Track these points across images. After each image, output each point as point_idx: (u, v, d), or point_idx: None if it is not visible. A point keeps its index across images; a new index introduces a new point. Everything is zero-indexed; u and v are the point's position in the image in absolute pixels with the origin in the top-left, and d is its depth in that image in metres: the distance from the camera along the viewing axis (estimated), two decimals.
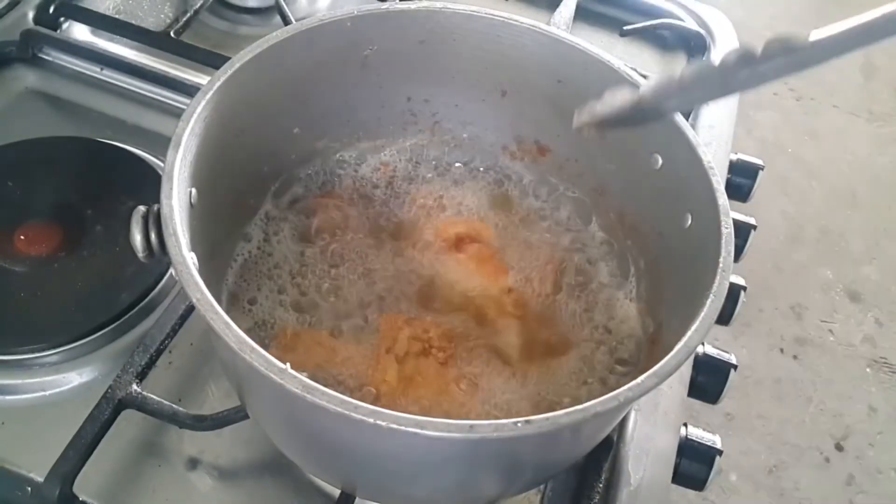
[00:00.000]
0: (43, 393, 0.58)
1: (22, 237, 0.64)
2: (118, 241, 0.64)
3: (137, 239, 0.43)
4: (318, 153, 0.62)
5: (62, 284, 0.62)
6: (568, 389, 0.54)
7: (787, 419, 1.67)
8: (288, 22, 0.81)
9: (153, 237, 0.43)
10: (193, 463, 0.56)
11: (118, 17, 0.86)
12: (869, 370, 1.78)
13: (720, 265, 0.44)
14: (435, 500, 0.51)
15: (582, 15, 0.91)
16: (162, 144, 0.46)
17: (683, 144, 0.51)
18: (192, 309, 0.59)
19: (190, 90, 0.78)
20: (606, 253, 0.60)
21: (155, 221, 0.43)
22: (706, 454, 0.60)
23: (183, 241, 0.42)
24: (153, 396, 0.55)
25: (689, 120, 0.76)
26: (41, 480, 0.51)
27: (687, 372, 0.65)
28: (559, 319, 0.57)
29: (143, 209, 0.44)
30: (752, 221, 0.75)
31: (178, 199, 0.43)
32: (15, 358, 0.58)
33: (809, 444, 1.64)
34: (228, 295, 0.55)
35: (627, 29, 0.90)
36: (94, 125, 0.76)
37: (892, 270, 1.97)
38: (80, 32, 0.85)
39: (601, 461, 0.56)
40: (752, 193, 0.81)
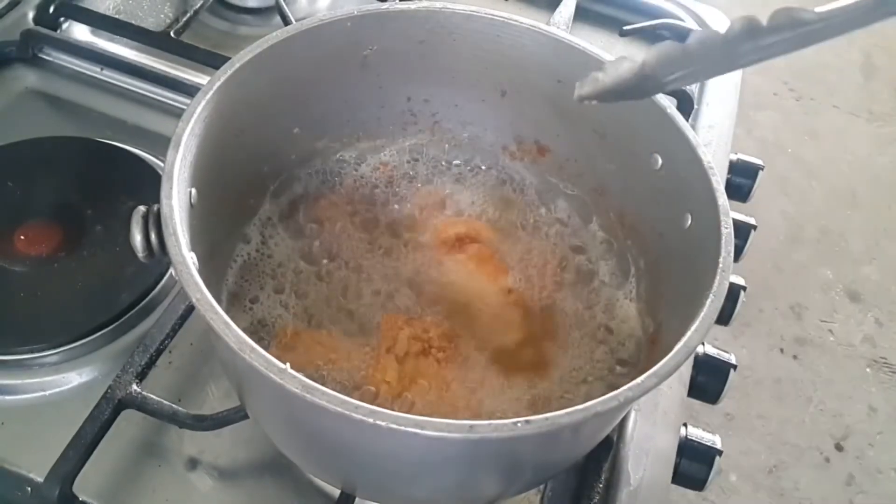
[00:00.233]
0: (43, 393, 0.58)
1: (22, 237, 0.64)
2: (118, 241, 0.64)
3: (137, 239, 0.43)
4: (318, 153, 0.62)
5: (62, 284, 0.62)
6: (568, 389, 0.54)
7: (786, 419, 1.67)
8: (288, 22, 0.81)
9: (153, 237, 0.43)
10: (193, 463, 0.56)
11: (118, 17, 0.86)
12: (869, 370, 1.78)
13: (720, 265, 0.44)
14: (435, 500, 0.51)
15: (582, 15, 0.91)
16: (162, 144, 0.46)
17: (683, 144, 0.51)
18: (192, 309, 0.59)
19: (190, 90, 0.78)
20: (606, 253, 0.60)
21: (155, 221, 0.43)
22: (706, 454, 0.60)
23: (183, 241, 0.42)
24: (153, 396, 0.55)
25: (689, 120, 0.77)
26: (41, 480, 0.51)
27: (687, 372, 0.65)
28: (559, 319, 0.57)
29: (143, 209, 0.44)
30: (752, 221, 0.75)
31: (178, 199, 0.43)
32: (15, 358, 0.58)
33: (809, 444, 1.64)
34: (228, 295, 0.55)
35: (627, 29, 0.90)
36: (94, 125, 0.76)
37: (892, 270, 1.97)
38: (80, 32, 0.85)
39: (601, 461, 0.56)
40: (752, 193, 0.81)
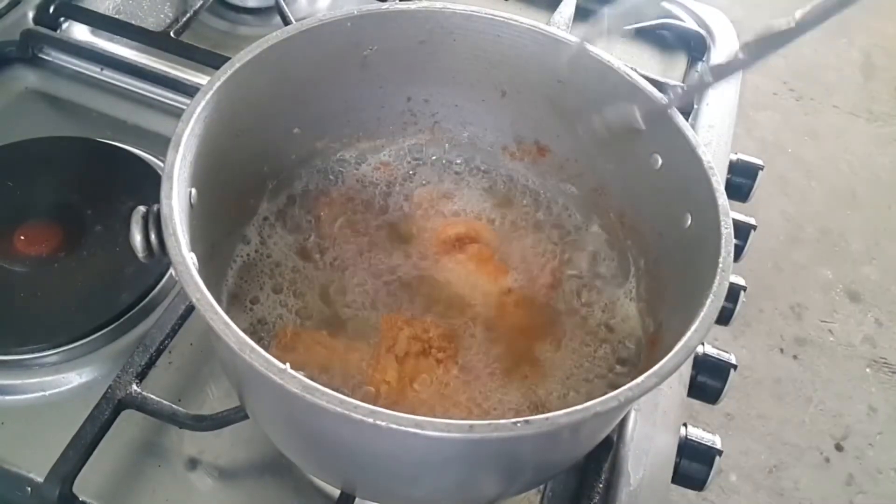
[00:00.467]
0: (43, 393, 0.58)
1: (22, 237, 0.64)
2: (118, 241, 0.64)
3: (137, 239, 0.43)
4: (318, 153, 0.62)
5: (62, 284, 0.62)
6: (568, 389, 0.54)
7: (786, 419, 1.67)
8: (288, 22, 0.81)
9: (153, 237, 0.43)
10: (193, 463, 0.56)
11: (118, 17, 0.86)
12: (869, 370, 1.78)
13: (720, 265, 0.44)
14: (435, 500, 0.51)
15: (582, 15, 0.91)
16: (162, 144, 0.46)
17: (683, 144, 0.51)
18: (191, 309, 0.59)
19: (190, 90, 0.78)
20: (606, 253, 0.60)
21: (155, 221, 0.43)
22: (706, 454, 0.60)
23: (183, 241, 0.42)
24: (153, 396, 0.55)
25: (688, 120, 0.77)
26: (41, 481, 0.51)
27: (687, 372, 0.65)
28: (559, 319, 0.57)
29: (142, 209, 0.44)
30: (751, 221, 0.75)
31: (178, 199, 0.43)
32: (15, 358, 0.58)
33: (809, 444, 1.64)
34: (228, 295, 0.55)
35: (627, 29, 0.90)
36: (94, 125, 0.76)
37: (892, 270, 1.97)
38: (80, 32, 0.85)
39: (601, 461, 0.56)
40: (751, 193, 0.81)
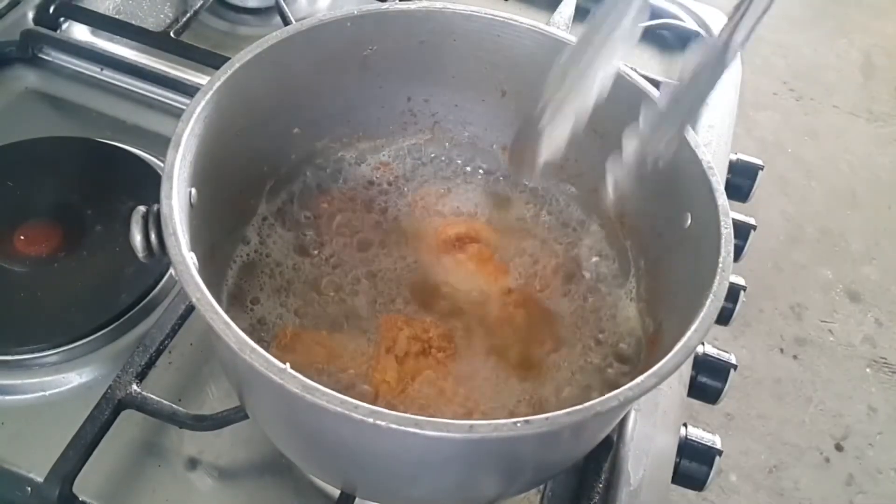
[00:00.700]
0: (43, 393, 0.58)
1: (22, 237, 0.64)
2: (118, 241, 0.64)
3: (137, 239, 0.43)
4: (318, 153, 0.62)
5: (62, 284, 0.62)
6: (568, 389, 0.54)
7: (786, 419, 1.67)
8: (288, 22, 0.81)
9: (153, 237, 0.43)
10: (193, 463, 0.56)
11: (118, 17, 0.86)
12: (869, 370, 1.78)
13: (720, 265, 0.44)
14: (435, 500, 0.51)
15: (582, 15, 0.91)
16: (162, 144, 0.46)
17: (683, 144, 0.50)
18: (191, 309, 0.59)
19: (190, 90, 0.78)
20: (606, 253, 0.60)
21: (155, 221, 0.43)
22: (706, 454, 0.60)
23: (183, 240, 0.42)
24: (153, 396, 0.55)
25: None
26: (41, 480, 0.51)
27: (687, 372, 0.65)
28: (559, 319, 0.57)
29: (142, 209, 0.44)
30: (751, 221, 0.75)
31: (177, 199, 0.43)
32: (15, 358, 0.58)
33: (809, 444, 1.64)
34: (228, 295, 0.55)
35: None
36: (94, 125, 0.76)
37: (892, 270, 1.97)
38: (80, 32, 0.85)
39: (601, 461, 0.56)
40: (751, 193, 0.81)
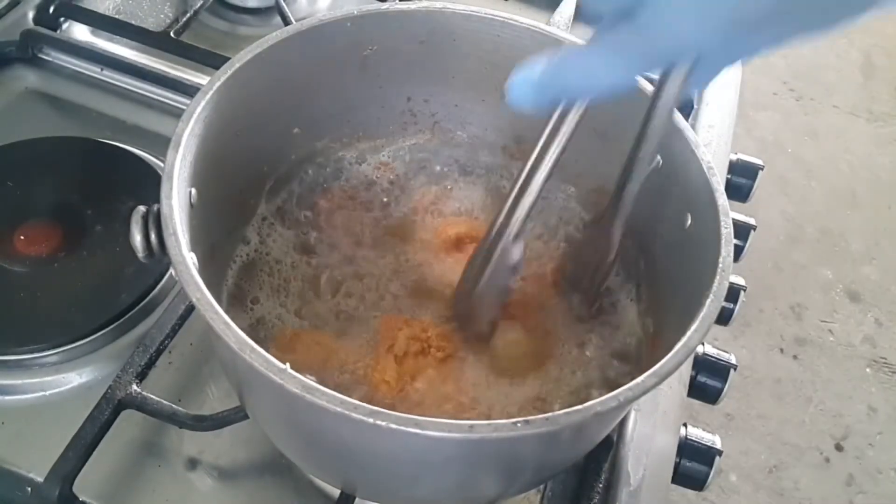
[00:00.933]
0: (43, 393, 0.58)
1: (22, 237, 0.64)
2: (118, 241, 0.64)
3: (137, 239, 0.43)
4: (318, 153, 0.62)
5: (62, 284, 0.62)
6: (567, 389, 0.53)
7: (786, 419, 1.67)
8: (288, 22, 0.81)
9: (153, 237, 0.43)
10: (193, 463, 0.56)
11: (118, 17, 0.86)
12: (869, 370, 1.78)
13: (720, 265, 0.44)
14: (435, 500, 0.51)
15: (582, 15, 0.91)
16: (162, 144, 0.46)
17: (683, 144, 0.50)
18: (191, 309, 0.59)
19: (190, 90, 0.78)
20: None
21: (155, 221, 0.43)
22: (706, 454, 0.60)
23: (183, 241, 0.42)
24: (153, 397, 0.55)
25: (688, 120, 0.77)
26: (41, 481, 0.51)
27: (687, 372, 0.65)
28: (559, 319, 0.57)
29: (142, 209, 0.44)
30: (751, 222, 0.75)
31: (178, 199, 0.43)
32: (15, 358, 0.58)
33: (809, 444, 1.64)
34: (228, 295, 0.55)
35: None
36: (94, 125, 0.76)
37: (892, 270, 1.97)
38: (80, 32, 0.85)
39: (601, 461, 0.56)
40: (751, 193, 0.81)
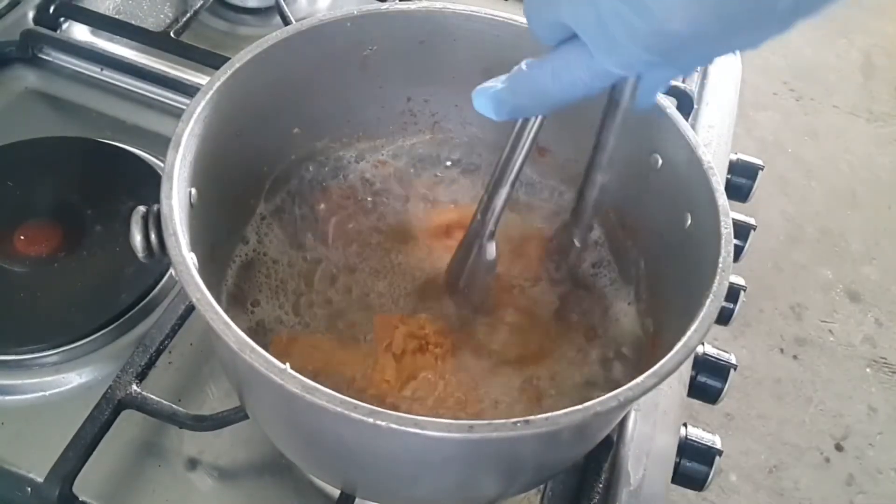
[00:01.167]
0: (42, 393, 0.58)
1: (21, 237, 0.64)
2: (118, 241, 0.64)
3: (137, 239, 0.43)
4: (317, 153, 0.62)
5: (62, 284, 0.62)
6: (567, 388, 0.53)
7: (786, 419, 1.67)
8: (288, 22, 0.81)
9: (153, 237, 0.43)
10: (193, 463, 0.56)
11: (118, 17, 0.86)
12: (869, 370, 1.78)
13: (720, 265, 0.44)
14: (435, 500, 0.51)
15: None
16: (162, 144, 0.46)
17: (683, 144, 0.50)
18: (191, 309, 0.59)
19: (190, 90, 0.78)
20: (606, 253, 0.60)
21: (155, 221, 0.43)
22: (706, 454, 0.60)
23: (183, 241, 0.42)
24: (153, 397, 0.55)
25: (688, 120, 0.77)
26: (41, 481, 0.51)
27: (687, 372, 0.65)
28: (558, 319, 0.57)
29: (142, 209, 0.44)
30: (751, 222, 0.75)
31: (177, 199, 0.43)
32: (15, 358, 0.58)
33: (809, 444, 1.64)
34: (228, 296, 0.55)
35: None
36: (94, 125, 0.76)
37: (892, 270, 1.97)
38: (79, 32, 0.85)
39: (601, 461, 0.56)
40: (751, 193, 0.81)
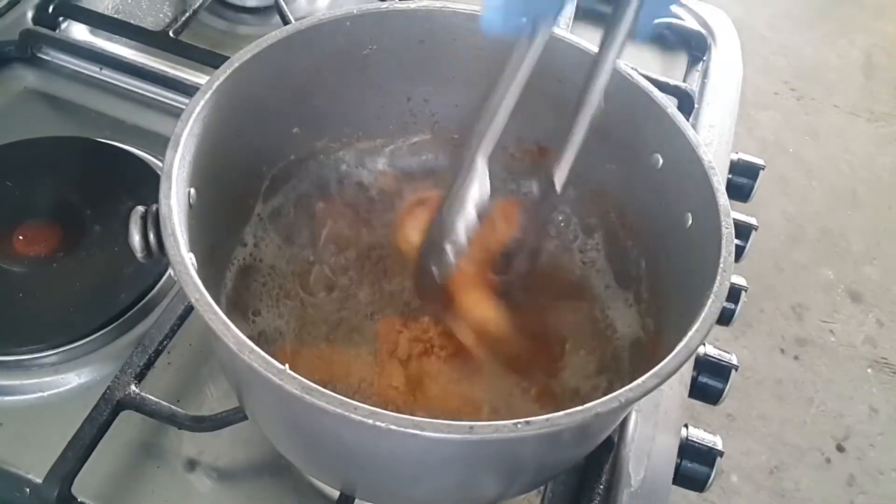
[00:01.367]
0: (42, 394, 0.58)
1: (21, 237, 0.64)
2: (117, 241, 0.64)
3: (136, 239, 0.43)
4: (317, 153, 0.62)
5: (61, 284, 0.62)
6: (568, 389, 0.53)
7: (787, 420, 1.67)
8: (287, 22, 0.81)
9: (152, 237, 0.43)
10: (192, 464, 0.55)
11: (117, 16, 0.86)
12: (870, 371, 1.78)
13: (721, 265, 0.44)
14: (435, 501, 0.51)
15: (582, 15, 0.90)
16: (161, 144, 0.46)
17: (684, 144, 0.50)
18: (190, 309, 0.59)
19: (189, 90, 0.78)
20: (607, 253, 0.60)
21: (154, 221, 0.43)
22: (707, 455, 0.60)
23: (182, 241, 0.41)
24: (152, 397, 0.55)
25: (689, 119, 0.76)
26: (40, 481, 0.51)
27: (688, 372, 0.64)
28: (559, 319, 0.57)
29: (141, 209, 0.43)
30: (752, 222, 0.74)
31: (176, 199, 0.43)
32: (14, 358, 0.58)
33: (810, 444, 1.64)
34: (227, 301, 0.55)
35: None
36: (93, 125, 0.76)
37: (892, 270, 1.97)
38: (79, 32, 0.85)
39: (602, 462, 0.56)
40: (752, 193, 0.81)
